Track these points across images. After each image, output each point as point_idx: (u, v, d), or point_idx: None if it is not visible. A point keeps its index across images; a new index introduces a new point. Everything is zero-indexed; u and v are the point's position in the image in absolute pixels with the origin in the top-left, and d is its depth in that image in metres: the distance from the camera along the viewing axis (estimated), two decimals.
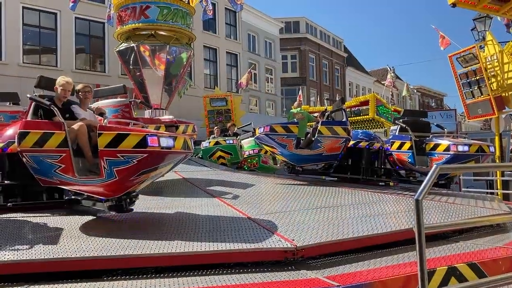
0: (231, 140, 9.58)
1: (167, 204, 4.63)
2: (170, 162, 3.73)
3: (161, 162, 3.59)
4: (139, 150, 3.38)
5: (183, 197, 5.02)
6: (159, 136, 3.47)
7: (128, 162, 3.39)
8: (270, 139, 6.40)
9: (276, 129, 6.40)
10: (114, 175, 3.43)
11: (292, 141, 6.36)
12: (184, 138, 3.76)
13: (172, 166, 3.92)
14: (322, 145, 6.36)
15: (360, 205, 4.59)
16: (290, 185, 6.20)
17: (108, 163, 3.40)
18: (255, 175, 7.52)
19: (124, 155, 3.38)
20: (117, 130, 3.46)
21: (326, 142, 6.36)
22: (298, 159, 6.56)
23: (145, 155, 3.39)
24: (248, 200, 4.82)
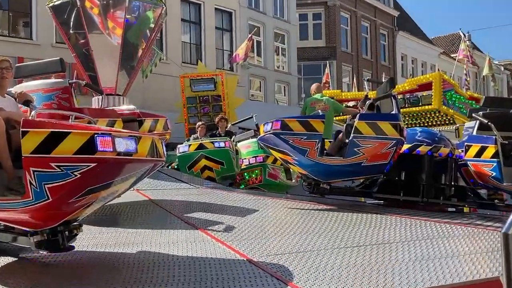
0: (222, 142, 9.63)
1: (126, 239, 4.65)
2: (130, 175, 3.74)
3: (117, 175, 3.60)
4: (84, 158, 3.38)
5: (149, 229, 5.04)
6: (114, 136, 3.48)
7: (67, 176, 3.40)
8: (282, 141, 6.44)
9: (291, 126, 6.44)
10: (45, 195, 3.42)
11: (315, 144, 6.40)
12: (151, 140, 3.77)
13: (133, 182, 3.93)
14: (360, 150, 6.42)
15: (418, 242, 4.60)
16: (312, 212, 6.21)
17: (36, 177, 3.39)
18: (259, 196, 7.55)
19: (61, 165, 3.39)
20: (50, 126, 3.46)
21: (367, 146, 6.42)
22: (324, 171, 6.60)
23: (93, 164, 3.40)
24: (248, 234, 4.84)
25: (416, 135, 7.16)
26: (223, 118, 11.29)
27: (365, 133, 6.42)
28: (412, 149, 7.00)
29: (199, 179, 9.13)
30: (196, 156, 9.58)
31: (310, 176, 6.76)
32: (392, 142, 6.43)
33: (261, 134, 6.85)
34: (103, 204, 4.02)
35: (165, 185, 8.09)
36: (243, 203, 6.63)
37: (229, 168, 9.66)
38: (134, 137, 3.57)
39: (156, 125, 6.64)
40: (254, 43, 23.76)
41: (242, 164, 10.43)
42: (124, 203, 6.23)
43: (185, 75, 15.85)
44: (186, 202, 6.64)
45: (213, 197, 7.08)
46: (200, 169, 9.60)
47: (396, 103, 6.71)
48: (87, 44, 10.96)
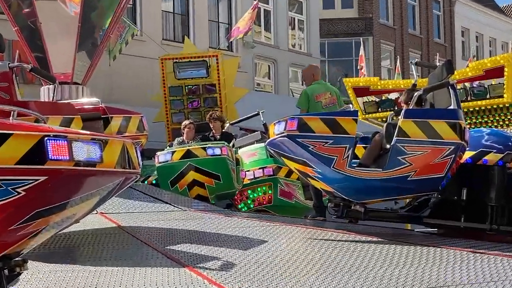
0: (218, 148, 9.66)
1: (86, 282, 4.65)
2: (93, 193, 3.75)
3: (76, 192, 3.62)
4: (30, 169, 3.40)
5: (119, 267, 5.04)
6: (70, 139, 3.50)
7: (8, 194, 3.41)
8: (300, 147, 6.46)
9: (312, 126, 6.46)
10: None
11: (344, 150, 6.41)
12: (122, 145, 3.79)
13: (96, 202, 3.94)
14: (406, 159, 6.43)
15: (486, 285, 4.57)
16: (339, 244, 6.20)
17: None
18: (267, 221, 7.56)
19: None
20: None
21: (416, 154, 6.42)
22: (357, 188, 6.62)
23: (43, 178, 3.41)
24: (253, 273, 4.84)
25: (482, 139, 7.14)
26: (218, 116, 11.32)
27: (413, 136, 6.43)
28: (476, 157, 6.97)
29: (186, 199, 9.14)
30: (182, 167, 9.59)
31: (338, 195, 6.76)
32: (450, 149, 6.43)
33: (271, 137, 6.87)
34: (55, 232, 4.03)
35: (140, 207, 8.10)
36: (246, 231, 6.62)
37: (226, 184, 9.67)
38: (98, 141, 3.58)
39: (127, 125, 6.68)
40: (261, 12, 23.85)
41: (245, 178, 10.44)
42: (84, 232, 6.23)
43: (167, 57, 15.91)
44: (168, 230, 6.65)
45: (205, 223, 7.08)
46: (188, 185, 9.61)
47: (455, 95, 6.71)
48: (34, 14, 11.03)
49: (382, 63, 30.60)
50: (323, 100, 8.63)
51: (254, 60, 24.36)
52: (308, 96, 8.58)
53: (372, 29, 29.95)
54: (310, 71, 8.89)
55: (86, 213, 4.08)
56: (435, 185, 6.60)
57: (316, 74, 8.82)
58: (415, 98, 6.78)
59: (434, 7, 34.12)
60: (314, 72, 8.92)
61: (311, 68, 9.00)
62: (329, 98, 8.71)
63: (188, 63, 15.58)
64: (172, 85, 15.68)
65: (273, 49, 25.17)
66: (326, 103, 8.63)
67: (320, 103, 8.56)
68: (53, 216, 3.62)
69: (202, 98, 15.68)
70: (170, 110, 15.63)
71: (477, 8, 36.31)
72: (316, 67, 8.96)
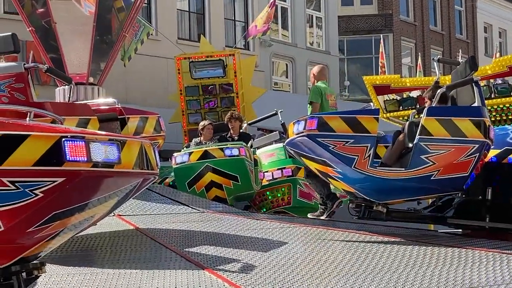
0: (236, 149, 9.67)
1: (105, 284, 4.68)
2: (111, 195, 3.77)
3: (93, 194, 3.64)
4: (48, 171, 3.42)
5: (137, 270, 5.06)
6: (88, 140, 3.52)
7: (25, 196, 3.44)
8: (320, 147, 6.47)
9: (333, 125, 6.47)
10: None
11: (365, 149, 6.41)
12: (140, 145, 3.80)
13: (114, 204, 3.96)
14: (429, 158, 6.41)
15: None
16: (361, 245, 6.19)
17: None
18: (287, 223, 7.56)
19: (16, 181, 3.43)
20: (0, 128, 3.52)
21: (439, 153, 6.41)
22: (379, 188, 6.62)
23: (60, 180, 3.43)
24: (272, 275, 4.84)
25: (507, 137, 7.10)
26: (236, 116, 11.33)
27: (436, 135, 6.41)
28: (501, 156, 6.93)
29: (204, 201, 9.16)
30: (200, 168, 9.63)
31: (359, 195, 6.76)
32: (474, 147, 6.40)
33: (290, 137, 6.87)
34: (73, 235, 4.05)
35: (157, 209, 8.13)
36: (265, 233, 6.63)
37: (245, 185, 9.69)
38: (116, 142, 3.60)
39: (144, 126, 6.71)
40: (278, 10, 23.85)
41: (263, 179, 10.44)
42: (101, 234, 6.26)
43: (183, 56, 15.94)
44: (186, 232, 6.67)
45: (223, 225, 7.09)
46: (205, 187, 9.65)
47: (479, 92, 6.68)
48: (48, 14, 11.10)
49: (402, 60, 30.46)
50: (330, 100, 8.66)
51: (271, 59, 24.35)
52: (321, 91, 8.60)
53: (392, 25, 29.82)
54: (317, 71, 8.91)
55: (103, 215, 4.10)
56: (459, 184, 6.57)
57: (317, 73, 8.85)
58: (438, 95, 6.74)
59: (456, 3, 33.89)
60: (324, 72, 8.99)
61: (316, 69, 9.04)
62: (334, 101, 8.76)
63: (204, 62, 15.59)
64: (188, 85, 15.69)
65: (291, 47, 25.15)
66: (332, 105, 8.66)
67: (327, 102, 8.59)
68: (70, 218, 3.64)
69: (218, 98, 15.68)
70: (186, 110, 15.63)
71: (500, 3, 36.03)
72: (321, 69, 9.02)
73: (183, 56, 15.89)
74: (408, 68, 30.96)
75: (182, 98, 15.63)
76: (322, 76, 8.83)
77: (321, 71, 8.90)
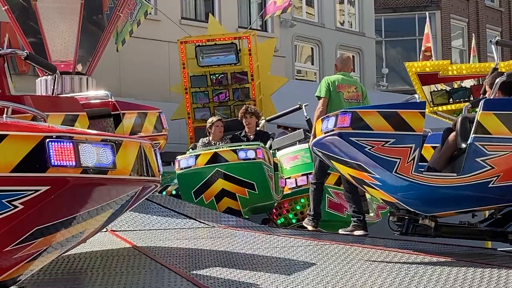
0: (252, 150, 9.67)
1: None
2: (103, 206, 3.79)
3: (83, 206, 3.66)
4: (30, 178, 3.45)
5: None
6: (77, 141, 3.53)
7: (2, 207, 3.46)
8: (354, 148, 6.46)
9: (369, 121, 6.47)
10: None
11: (409, 151, 6.39)
12: (138, 147, 3.82)
13: (108, 218, 3.98)
14: (487, 161, 6.39)
15: None
16: (405, 267, 6.16)
17: None
18: (314, 239, 7.55)
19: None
20: None
21: (499, 154, 6.39)
22: (426, 198, 6.60)
23: (44, 189, 3.46)
24: None
25: None
26: (252, 111, 11.32)
27: (495, 133, 6.38)
28: None
29: (214, 213, 9.17)
30: (209, 174, 9.63)
31: (402, 206, 6.74)
32: None
33: (317, 137, 6.86)
34: (59, 254, 4.06)
35: (158, 223, 8.14)
36: (288, 252, 6.61)
37: (263, 194, 9.69)
38: (110, 143, 3.62)
39: (143, 123, 6.72)
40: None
41: (285, 187, 10.42)
42: (92, 253, 6.27)
43: (188, 40, 15.96)
44: (193, 250, 6.67)
45: (237, 243, 7.09)
46: (216, 196, 9.66)
47: None
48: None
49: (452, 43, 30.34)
50: (346, 92, 8.66)
51: (294, 42, 24.35)
52: (329, 84, 8.62)
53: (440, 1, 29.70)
54: (347, 62, 8.98)
55: (95, 231, 4.11)
56: None
57: (339, 64, 8.91)
58: (497, 85, 6.70)
59: None
60: (349, 63, 9.04)
61: (348, 59, 9.11)
62: (354, 93, 8.74)
63: (213, 47, 15.59)
64: (195, 74, 15.70)
65: (317, 28, 25.11)
66: (349, 97, 8.65)
67: (341, 94, 8.60)
68: (56, 235, 3.66)
69: (231, 89, 15.66)
70: (192, 104, 15.64)
71: None
72: (345, 59, 9.10)
73: (188, 40, 15.89)
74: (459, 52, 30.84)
75: (187, 89, 15.63)
76: (345, 67, 8.91)
77: (345, 62, 8.99)
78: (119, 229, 7.41)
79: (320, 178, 8.86)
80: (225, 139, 10.89)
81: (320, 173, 8.87)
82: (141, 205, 7.28)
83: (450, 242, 7.43)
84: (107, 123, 6.47)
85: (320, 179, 8.87)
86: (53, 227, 3.60)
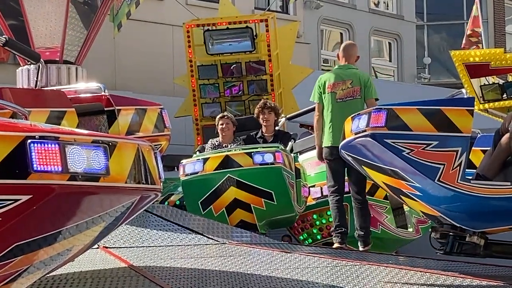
0: (270, 154, 9.67)
1: None
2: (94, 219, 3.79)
3: (70, 218, 3.67)
4: (8, 185, 3.46)
5: None
6: (63, 142, 3.54)
7: None
8: (389, 151, 6.48)
9: (407, 120, 6.50)
10: None
11: (454, 156, 6.39)
12: (135, 149, 3.83)
13: (100, 233, 3.98)
14: None
15: None
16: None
17: None
18: (341, 259, 7.55)
19: None
20: None
21: None
22: (474, 210, 6.60)
23: (26, 198, 3.47)
24: None
25: None
26: (271, 106, 11.31)
27: None
28: None
29: (225, 227, 9.17)
30: (219, 181, 9.64)
31: (446, 221, 6.75)
32: None
33: (347, 138, 6.88)
34: (42, 275, 4.07)
35: (159, 239, 8.15)
36: (312, 273, 6.62)
37: (282, 205, 9.70)
38: (102, 145, 3.63)
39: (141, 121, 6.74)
40: None
41: (309, 197, 10.42)
42: (82, 274, 6.29)
43: (195, 23, 15.96)
44: (199, 271, 6.67)
45: (251, 262, 7.09)
46: (227, 208, 9.67)
47: None
48: None
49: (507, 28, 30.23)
50: (340, 91, 8.64)
51: (320, 26, 24.35)
52: (319, 86, 8.72)
53: None
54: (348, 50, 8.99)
55: (85, 248, 4.12)
56: None
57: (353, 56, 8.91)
58: None
59: None
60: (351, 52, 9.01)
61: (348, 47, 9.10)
62: (349, 89, 8.69)
63: (225, 32, 15.60)
64: (203, 63, 15.72)
65: (348, 9, 25.12)
66: (343, 95, 8.63)
67: (333, 95, 8.59)
68: (39, 252, 3.67)
69: (245, 81, 15.65)
70: (199, 99, 15.64)
71: None
72: (348, 46, 9.08)
73: (195, 23, 15.90)
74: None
75: (193, 81, 15.62)
76: (350, 57, 8.87)
77: (348, 51, 8.95)
78: (113, 245, 7.41)
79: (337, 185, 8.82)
80: (238, 140, 10.86)
81: (336, 179, 8.83)
82: (139, 217, 7.31)
83: (502, 263, 7.40)
84: (99, 121, 6.48)
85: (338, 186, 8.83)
86: (35, 243, 3.60)
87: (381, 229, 10.39)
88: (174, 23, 17.59)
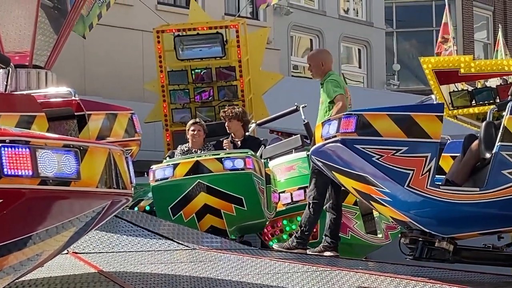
0: (240, 159, 9.67)
1: None
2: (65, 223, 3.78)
3: (40, 223, 3.66)
4: None
5: None
6: (34, 146, 3.53)
7: None
8: (359, 157, 6.48)
9: (378, 126, 6.52)
10: None
11: (424, 161, 6.41)
12: (107, 154, 3.82)
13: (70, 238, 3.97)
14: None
15: None
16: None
17: None
18: (311, 264, 7.56)
19: None
20: None
21: None
22: (443, 216, 6.64)
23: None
24: None
25: None
26: (240, 113, 11.31)
27: None
28: None
29: (195, 233, 9.15)
30: (189, 187, 9.63)
31: (415, 226, 6.77)
32: None
33: (317, 144, 6.87)
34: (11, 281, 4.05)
35: (129, 244, 8.13)
36: (281, 279, 6.63)
37: (252, 211, 9.70)
38: (73, 149, 3.61)
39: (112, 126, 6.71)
40: None
41: (279, 202, 10.42)
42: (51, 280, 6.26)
43: (165, 28, 15.95)
44: (170, 277, 6.66)
45: (222, 268, 7.09)
46: (197, 213, 9.66)
47: None
48: None
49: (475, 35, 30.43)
50: (349, 96, 8.74)
51: (290, 32, 24.39)
52: (342, 85, 8.71)
53: None
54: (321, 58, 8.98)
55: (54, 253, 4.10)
56: None
57: (329, 62, 8.93)
58: None
59: None
60: (326, 59, 9.00)
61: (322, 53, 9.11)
62: (350, 96, 8.79)
63: (195, 37, 15.60)
64: (173, 68, 15.70)
65: (318, 16, 25.18)
66: (349, 102, 8.72)
67: (347, 100, 8.65)
68: (8, 257, 3.65)
69: (215, 87, 15.64)
70: (170, 104, 15.62)
71: None
72: (329, 53, 9.12)
73: (165, 28, 15.89)
74: (483, 46, 30.94)
75: (163, 87, 15.61)
76: (319, 68, 8.89)
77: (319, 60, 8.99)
78: (82, 251, 7.38)
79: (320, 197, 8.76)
80: (208, 146, 10.87)
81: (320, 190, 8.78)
82: (109, 223, 7.28)
83: (471, 268, 7.43)
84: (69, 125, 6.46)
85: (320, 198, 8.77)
86: (4, 248, 3.59)
87: (350, 235, 10.41)
88: (144, 28, 17.55)
